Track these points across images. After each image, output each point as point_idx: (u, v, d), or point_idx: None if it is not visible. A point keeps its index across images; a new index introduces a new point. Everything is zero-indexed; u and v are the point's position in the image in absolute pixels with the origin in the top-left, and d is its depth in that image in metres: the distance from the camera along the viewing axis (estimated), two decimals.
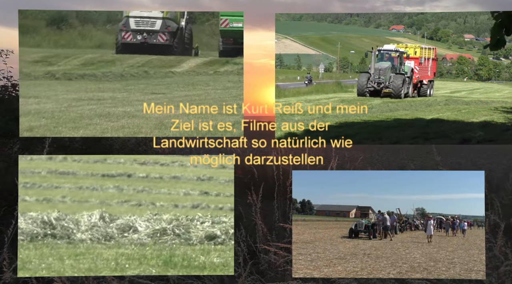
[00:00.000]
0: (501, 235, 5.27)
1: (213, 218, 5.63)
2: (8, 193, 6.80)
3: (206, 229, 5.47)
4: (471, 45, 13.61)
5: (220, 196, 6.39)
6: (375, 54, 11.36)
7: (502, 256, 5.21)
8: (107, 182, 6.54)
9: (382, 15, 14.62)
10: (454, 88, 12.07)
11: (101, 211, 5.61)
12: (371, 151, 11.81)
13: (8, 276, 4.88)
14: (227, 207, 5.86)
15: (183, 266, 5.00)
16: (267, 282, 5.29)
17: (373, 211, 5.78)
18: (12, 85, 9.19)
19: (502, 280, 5.06)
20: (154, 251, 5.18)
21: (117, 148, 9.36)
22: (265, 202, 6.30)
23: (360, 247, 5.56)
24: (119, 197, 6.30)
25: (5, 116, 8.27)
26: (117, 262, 5.00)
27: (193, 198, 6.50)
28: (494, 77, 11.79)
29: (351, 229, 6.05)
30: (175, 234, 5.42)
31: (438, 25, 13.94)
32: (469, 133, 6.83)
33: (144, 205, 6.19)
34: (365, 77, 10.69)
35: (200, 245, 5.32)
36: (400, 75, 10.70)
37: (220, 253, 5.20)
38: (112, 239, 5.36)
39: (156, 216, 5.68)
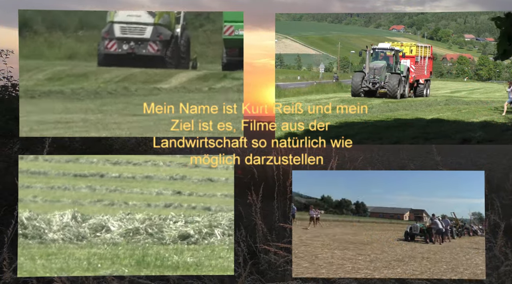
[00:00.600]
0: (501, 235, 5.26)
1: (186, 217, 5.62)
2: (8, 193, 6.80)
3: (179, 228, 5.45)
4: (472, 45, 13.62)
5: (193, 195, 6.41)
6: (370, 52, 11.10)
7: (502, 256, 5.21)
8: (79, 182, 6.50)
9: (382, 15, 14.63)
10: (454, 88, 12.07)
11: (73, 211, 5.57)
12: (371, 151, 11.80)
13: (8, 276, 4.87)
14: (200, 206, 5.89)
15: (156, 266, 4.98)
16: (267, 282, 5.28)
17: (426, 214, 5.70)
18: (12, 85, 9.19)
19: (502, 280, 5.06)
20: (127, 251, 5.15)
21: (117, 148, 9.37)
22: (265, 202, 6.29)
23: (417, 250, 5.48)
24: (91, 196, 6.25)
25: (5, 116, 8.26)
26: (90, 262, 4.97)
27: (166, 197, 6.48)
28: (494, 77, 11.80)
29: (406, 232, 5.94)
30: (148, 233, 5.39)
31: (438, 25, 13.94)
32: (470, 133, 6.82)
33: (117, 204, 6.15)
34: (359, 76, 10.39)
35: (173, 245, 5.30)
36: (396, 75, 10.46)
37: (193, 253, 5.17)
38: (85, 239, 5.31)
39: (128, 215, 5.65)
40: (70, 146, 8.76)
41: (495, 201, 6.22)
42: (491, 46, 12.72)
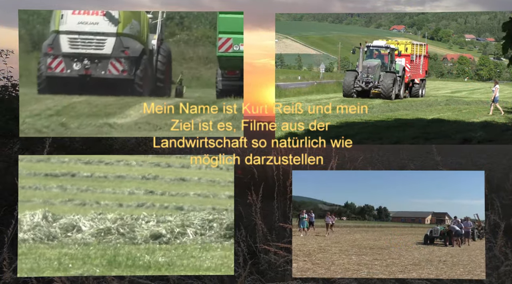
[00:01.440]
0: (501, 235, 5.26)
1: (158, 217, 5.60)
2: (8, 193, 6.80)
3: (151, 228, 5.43)
4: (472, 45, 13.62)
5: (166, 195, 6.39)
6: (364, 50, 10.76)
7: (502, 256, 5.20)
8: (50, 182, 6.46)
9: (383, 15, 14.62)
10: (455, 88, 12.07)
11: (44, 211, 5.52)
12: (371, 151, 11.76)
13: (8, 276, 4.87)
14: (173, 206, 5.88)
15: (128, 266, 4.94)
16: (267, 282, 5.28)
17: (449, 217, 5.67)
18: (12, 85, 9.19)
19: (502, 280, 5.05)
20: (98, 251, 5.11)
21: (117, 148, 9.36)
22: (265, 202, 6.29)
23: (435, 254, 5.44)
24: (62, 196, 6.21)
25: (5, 116, 8.27)
26: (60, 262, 4.92)
27: (138, 197, 6.46)
28: (495, 77, 11.78)
29: (426, 236, 5.92)
30: (119, 233, 5.36)
31: (439, 25, 13.94)
32: (470, 133, 6.82)
33: (88, 204, 6.12)
34: (352, 76, 9.94)
35: (145, 244, 5.27)
36: (391, 74, 10.08)
37: (165, 252, 5.14)
38: (55, 239, 5.27)
39: (100, 215, 5.61)
40: (70, 146, 8.75)
41: (495, 201, 6.22)
42: (492, 46, 12.73)
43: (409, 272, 4.87)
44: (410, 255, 5.36)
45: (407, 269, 4.94)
